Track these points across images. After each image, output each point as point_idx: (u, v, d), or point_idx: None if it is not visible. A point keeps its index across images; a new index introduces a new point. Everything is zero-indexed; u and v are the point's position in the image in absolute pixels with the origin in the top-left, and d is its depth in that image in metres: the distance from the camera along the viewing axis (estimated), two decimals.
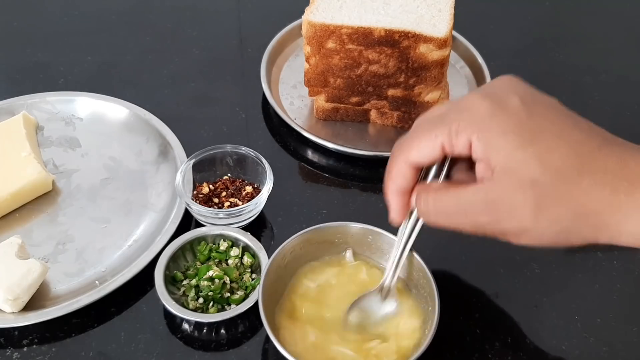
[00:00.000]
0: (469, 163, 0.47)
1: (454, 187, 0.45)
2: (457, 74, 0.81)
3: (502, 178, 0.41)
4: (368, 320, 0.53)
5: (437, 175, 0.48)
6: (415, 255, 0.54)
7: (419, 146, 0.45)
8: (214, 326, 0.57)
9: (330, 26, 0.67)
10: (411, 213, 0.51)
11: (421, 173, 0.49)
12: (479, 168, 0.43)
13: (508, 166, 0.41)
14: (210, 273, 0.57)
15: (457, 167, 0.48)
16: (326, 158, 0.72)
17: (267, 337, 0.56)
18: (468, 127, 0.42)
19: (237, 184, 0.66)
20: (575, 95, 0.80)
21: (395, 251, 0.53)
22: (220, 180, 0.66)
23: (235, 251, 0.60)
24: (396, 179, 0.47)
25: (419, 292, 0.55)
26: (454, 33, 0.79)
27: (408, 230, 0.51)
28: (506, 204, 0.42)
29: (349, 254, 0.58)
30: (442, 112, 0.45)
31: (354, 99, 0.73)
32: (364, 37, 0.67)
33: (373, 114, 0.75)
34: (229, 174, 0.67)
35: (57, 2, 0.93)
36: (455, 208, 0.45)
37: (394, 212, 0.49)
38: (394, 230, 0.54)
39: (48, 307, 0.56)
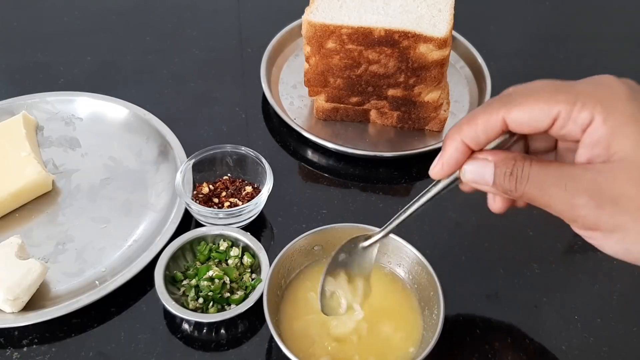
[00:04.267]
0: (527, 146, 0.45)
1: (556, 162, 0.41)
2: (457, 74, 0.81)
3: (620, 165, 0.38)
4: (351, 263, 0.52)
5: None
6: (419, 255, 0.55)
7: (532, 106, 0.39)
8: (214, 326, 0.57)
9: (330, 26, 0.67)
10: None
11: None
12: (588, 151, 0.39)
13: (631, 155, 0.37)
14: (210, 273, 0.57)
15: (518, 148, 0.44)
16: (326, 158, 0.73)
17: (268, 337, 0.56)
18: (598, 104, 0.38)
19: (237, 184, 0.66)
20: None
21: (411, 204, 0.47)
22: (220, 180, 0.66)
23: (235, 251, 0.60)
24: (479, 128, 0.41)
25: (421, 293, 0.55)
26: (454, 33, 0.79)
27: (437, 189, 0.45)
28: (614, 192, 0.38)
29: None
30: (570, 82, 0.41)
31: (354, 99, 0.73)
32: (364, 37, 0.67)
33: (373, 114, 0.75)
34: (229, 174, 0.67)
35: (57, 2, 0.93)
36: (555, 179, 0.40)
37: (444, 163, 0.43)
38: (399, 233, 0.55)
39: (48, 307, 0.56)
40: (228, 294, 0.57)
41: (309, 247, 0.57)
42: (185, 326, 0.57)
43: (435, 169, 0.44)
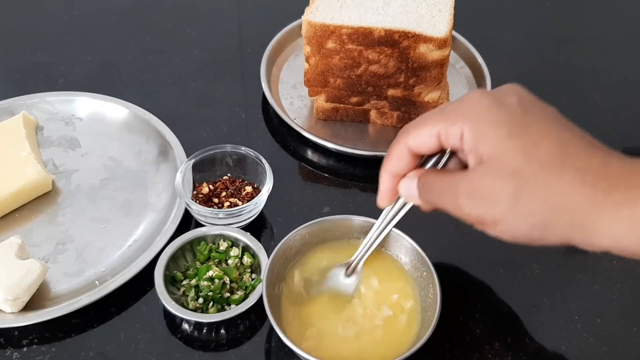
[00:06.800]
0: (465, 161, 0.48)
1: (450, 172, 0.48)
2: (457, 74, 0.81)
3: (487, 165, 0.43)
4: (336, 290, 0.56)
5: (434, 167, 0.50)
6: (419, 249, 0.55)
7: (418, 133, 0.47)
8: (214, 326, 0.57)
9: (330, 26, 0.67)
10: (397, 200, 0.52)
11: (419, 163, 0.50)
12: (470, 160, 0.45)
13: (494, 155, 0.43)
14: (210, 273, 0.57)
15: (453, 163, 0.50)
16: (326, 158, 0.73)
17: (267, 337, 0.56)
18: (462, 118, 0.45)
19: (237, 184, 0.66)
20: (575, 96, 0.80)
21: (372, 233, 0.55)
22: (220, 180, 0.66)
23: (235, 251, 0.60)
24: (394, 160, 0.49)
25: (414, 274, 0.56)
26: (454, 33, 0.79)
27: (390, 216, 0.54)
28: (485, 190, 0.43)
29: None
30: (446, 105, 0.48)
31: (354, 99, 0.73)
32: (364, 37, 0.67)
33: (373, 114, 0.75)
34: (228, 174, 0.67)
35: (57, 2, 0.93)
36: (446, 187, 0.46)
37: (383, 194, 0.51)
38: (398, 226, 0.55)
39: (48, 307, 0.56)
40: (228, 294, 0.57)
41: (302, 241, 0.57)
42: (185, 326, 0.57)
43: (379, 200, 0.52)
